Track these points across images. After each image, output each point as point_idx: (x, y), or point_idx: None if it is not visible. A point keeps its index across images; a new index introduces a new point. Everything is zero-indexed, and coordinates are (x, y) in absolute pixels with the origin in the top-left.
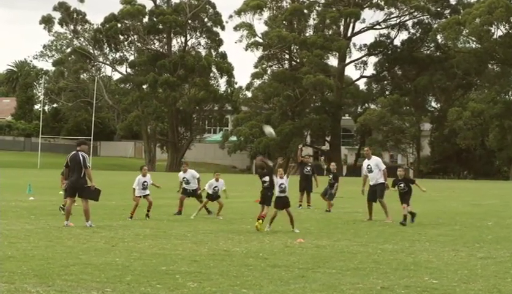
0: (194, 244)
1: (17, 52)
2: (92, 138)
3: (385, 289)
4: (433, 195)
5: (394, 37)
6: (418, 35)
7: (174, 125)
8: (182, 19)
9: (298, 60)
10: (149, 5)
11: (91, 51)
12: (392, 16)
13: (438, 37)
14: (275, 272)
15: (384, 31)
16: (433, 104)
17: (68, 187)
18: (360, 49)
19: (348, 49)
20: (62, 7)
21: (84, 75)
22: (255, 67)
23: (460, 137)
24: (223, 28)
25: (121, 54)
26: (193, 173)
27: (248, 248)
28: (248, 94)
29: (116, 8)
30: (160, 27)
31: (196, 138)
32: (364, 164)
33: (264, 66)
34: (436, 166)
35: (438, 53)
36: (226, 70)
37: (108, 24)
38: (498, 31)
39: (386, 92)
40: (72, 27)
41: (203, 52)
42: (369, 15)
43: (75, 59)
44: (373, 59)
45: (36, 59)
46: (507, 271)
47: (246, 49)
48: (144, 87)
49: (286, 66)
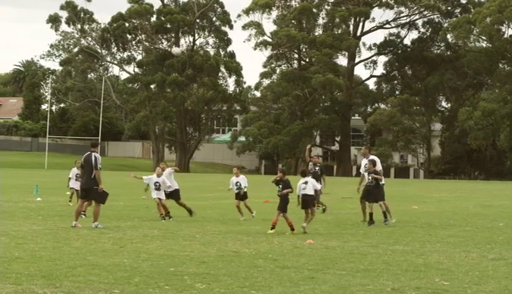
0: (202, 245)
1: (24, 52)
2: (99, 138)
3: (395, 290)
4: (443, 196)
5: (404, 36)
6: (428, 34)
7: (183, 125)
8: (190, 19)
9: (307, 60)
10: (157, 4)
11: (98, 51)
12: (402, 15)
13: (448, 36)
14: (285, 273)
15: (394, 30)
16: (444, 104)
17: (80, 188)
18: (370, 49)
19: (357, 49)
20: (69, 6)
21: (92, 74)
22: (264, 66)
23: (470, 137)
24: (231, 27)
25: (129, 53)
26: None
27: (257, 250)
28: (257, 94)
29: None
30: (168, 26)
31: (205, 138)
32: (362, 163)
33: (273, 65)
34: (447, 166)
35: (448, 52)
36: (235, 69)
37: (116, 24)
38: (509, 30)
39: (396, 92)
40: (79, 27)
41: (212, 51)
42: (379, 14)
43: (82, 58)
44: (383, 59)
45: (43, 58)
46: None
47: (255, 49)
48: (152, 86)
49: (295, 65)
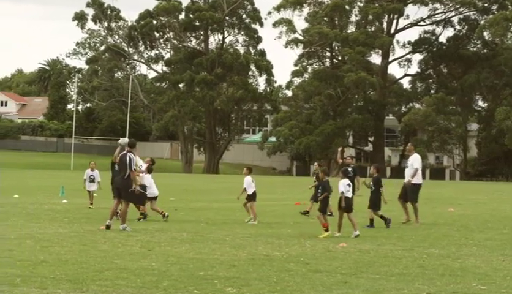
0: (233, 248)
1: (49, 50)
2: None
3: None
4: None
5: (439, 34)
6: (464, 31)
7: (212, 125)
8: (219, 16)
9: (340, 58)
10: (185, 1)
11: (126, 49)
12: (437, 12)
13: (485, 33)
14: (317, 277)
15: (429, 28)
16: (480, 103)
17: (114, 187)
18: (404, 47)
19: (391, 47)
20: (95, 3)
21: (119, 73)
22: (295, 64)
23: (508, 137)
24: (261, 25)
25: (157, 51)
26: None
27: (288, 253)
28: (288, 93)
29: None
30: (197, 24)
31: (235, 138)
32: (409, 161)
33: (304, 64)
34: (484, 167)
35: (485, 50)
36: (265, 68)
37: (143, 21)
38: None
39: (431, 91)
40: (106, 24)
41: (241, 49)
42: (413, 11)
43: (108, 57)
44: (417, 57)
45: (69, 57)
46: None
47: (286, 47)
48: (181, 86)
49: (327, 64)
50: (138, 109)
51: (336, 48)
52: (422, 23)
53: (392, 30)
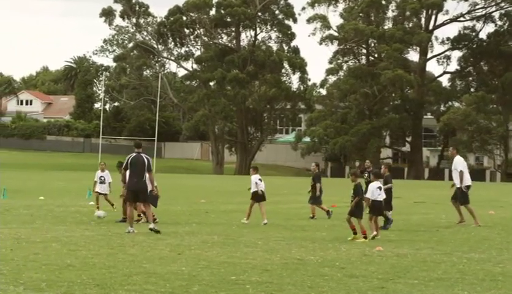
0: (265, 252)
1: (75, 48)
2: (155, 138)
3: None
4: None
5: (480, 30)
6: (506, 27)
7: (244, 125)
8: (251, 12)
9: (376, 55)
10: None
11: (155, 46)
12: (477, 7)
13: None
14: (353, 282)
15: (468, 23)
16: None
17: (129, 190)
18: (443, 43)
19: (429, 43)
20: None
21: (147, 71)
22: (330, 62)
23: None
24: (295, 21)
25: (186, 49)
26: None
27: (323, 257)
28: (323, 92)
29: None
30: (228, 20)
31: (267, 138)
32: (453, 163)
33: (339, 61)
34: None
35: None
36: (299, 65)
37: (173, 17)
38: None
39: (471, 89)
40: (134, 21)
41: (274, 46)
42: (452, 6)
43: (137, 54)
44: (457, 54)
45: (96, 54)
46: None
47: (320, 44)
48: (212, 84)
49: (363, 61)
50: (168, 109)
51: (372, 44)
52: (461, 19)
53: (430, 26)
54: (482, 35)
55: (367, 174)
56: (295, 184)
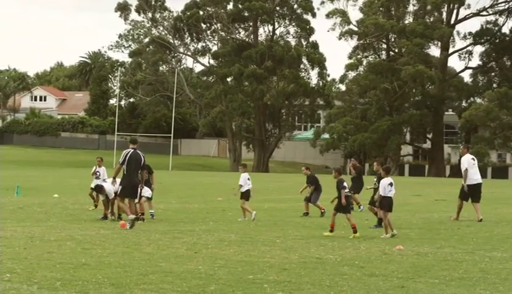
0: (283, 250)
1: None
2: (172, 135)
3: None
4: None
5: (503, 24)
6: None
7: (262, 122)
8: (269, 6)
9: (396, 50)
10: None
11: (171, 41)
12: (500, 1)
13: None
14: (372, 281)
15: (491, 18)
16: None
17: (127, 186)
18: (464, 38)
19: (451, 38)
20: None
21: (164, 66)
22: (349, 57)
23: None
24: (314, 15)
25: (203, 44)
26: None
27: (342, 256)
28: (342, 87)
29: None
30: (246, 14)
31: (285, 135)
32: (462, 161)
33: (359, 56)
34: None
35: None
36: (318, 61)
37: (189, 12)
38: None
39: (494, 85)
40: (150, 15)
41: (293, 41)
42: (474, 0)
43: (153, 49)
44: (479, 49)
45: (111, 49)
46: None
47: (339, 39)
48: (229, 80)
49: (383, 56)
50: (184, 105)
51: (393, 39)
52: (484, 13)
53: (452, 21)
54: (505, 30)
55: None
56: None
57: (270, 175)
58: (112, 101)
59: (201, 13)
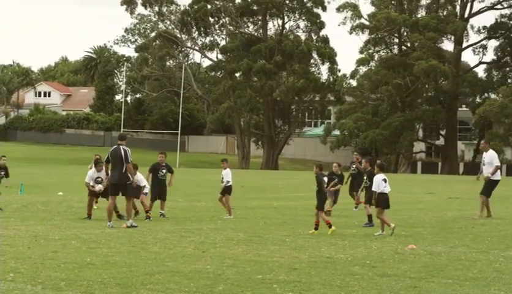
0: (293, 250)
1: (96, 37)
2: (179, 131)
3: None
4: None
5: None
6: None
7: (271, 118)
8: (279, 0)
9: (409, 45)
10: None
11: (178, 36)
12: None
13: None
14: (384, 281)
15: (506, 11)
16: None
17: (110, 184)
18: (479, 32)
19: (465, 32)
20: None
21: (171, 61)
22: (361, 52)
23: None
24: (324, 9)
25: (211, 38)
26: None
27: (353, 255)
28: (353, 83)
29: None
30: (255, 8)
31: (295, 131)
32: (483, 157)
33: (370, 51)
34: None
35: None
36: (329, 55)
37: (197, 5)
38: None
39: (509, 80)
40: (157, 9)
41: (302, 36)
42: None
43: (160, 44)
44: (493, 43)
45: (117, 44)
46: None
47: (350, 33)
48: (237, 75)
49: (395, 51)
50: (191, 101)
51: (405, 33)
52: (498, 6)
53: (466, 15)
54: None
55: (354, 167)
56: None
57: (279, 172)
58: (118, 97)
59: (209, 6)
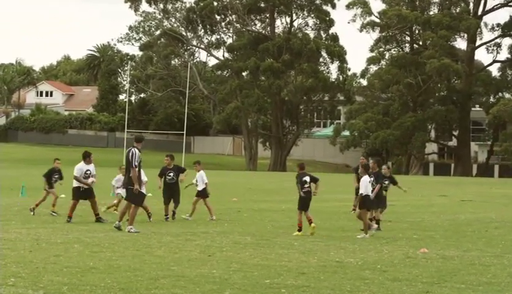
0: (302, 254)
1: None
2: (184, 132)
3: None
4: None
5: None
6: None
7: (279, 118)
8: None
9: (421, 43)
10: None
11: (183, 34)
12: None
13: None
14: (395, 286)
15: None
16: None
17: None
18: (492, 30)
19: (478, 30)
20: None
21: (176, 60)
22: (371, 50)
23: None
24: (334, 6)
25: (218, 36)
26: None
27: (364, 259)
28: (363, 82)
29: None
30: (262, 5)
31: (304, 132)
32: None
33: (381, 50)
34: None
35: None
36: (338, 54)
37: (203, 3)
38: None
39: None
40: (162, 6)
41: (311, 34)
42: None
43: (164, 42)
44: (508, 41)
45: (121, 42)
46: None
47: (361, 31)
48: (244, 74)
49: (406, 49)
50: (197, 100)
51: (417, 31)
52: None
53: (479, 12)
54: None
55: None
56: (334, 181)
57: (287, 174)
58: (122, 96)
59: (215, 3)
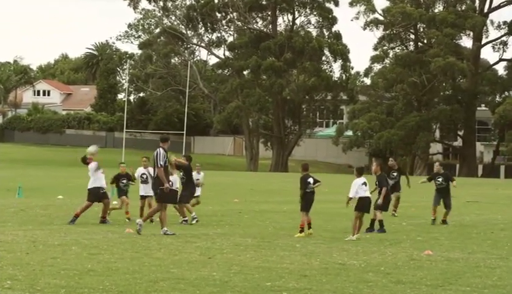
0: (304, 256)
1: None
2: (184, 132)
3: None
4: None
5: None
6: None
7: (280, 118)
8: None
9: (425, 41)
10: None
11: (183, 32)
12: None
13: None
14: (399, 289)
15: None
16: None
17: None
18: (499, 28)
19: (484, 28)
20: None
21: (176, 59)
22: (375, 49)
23: None
24: (336, 4)
25: (218, 34)
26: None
27: (367, 262)
28: (367, 81)
29: None
30: (264, 3)
31: (306, 132)
32: None
33: (385, 48)
34: None
35: None
36: (341, 52)
37: (203, 0)
38: None
39: None
40: (161, 4)
41: (314, 32)
42: None
43: (164, 40)
44: None
45: (119, 40)
46: None
47: (364, 29)
48: (246, 73)
49: (411, 48)
50: (197, 100)
51: (421, 29)
52: None
53: (485, 9)
54: None
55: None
56: (336, 181)
57: (289, 175)
58: (120, 95)
59: (216, 1)
